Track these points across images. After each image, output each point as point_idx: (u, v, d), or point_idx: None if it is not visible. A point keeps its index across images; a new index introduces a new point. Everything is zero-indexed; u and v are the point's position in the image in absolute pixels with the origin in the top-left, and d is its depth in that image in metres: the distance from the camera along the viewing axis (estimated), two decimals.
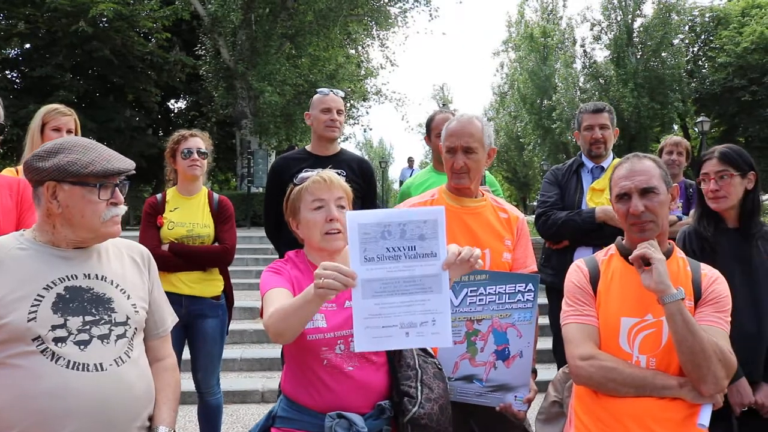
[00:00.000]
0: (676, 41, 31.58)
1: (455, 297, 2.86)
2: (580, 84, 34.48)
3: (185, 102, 28.52)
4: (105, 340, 2.14)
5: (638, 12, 32.29)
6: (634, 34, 32.05)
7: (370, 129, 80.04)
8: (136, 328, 2.26)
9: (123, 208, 2.26)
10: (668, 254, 2.59)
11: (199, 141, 4.30)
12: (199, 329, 4.19)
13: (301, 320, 2.12)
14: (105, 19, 21.12)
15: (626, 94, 30.03)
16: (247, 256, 13.39)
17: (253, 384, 6.87)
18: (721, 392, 2.39)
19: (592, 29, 33.98)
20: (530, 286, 2.87)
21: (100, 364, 2.09)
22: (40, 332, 2.04)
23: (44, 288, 2.12)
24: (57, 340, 2.06)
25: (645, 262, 2.42)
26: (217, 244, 4.27)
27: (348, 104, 25.57)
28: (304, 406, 2.36)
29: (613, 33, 32.66)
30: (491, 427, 2.94)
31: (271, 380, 6.77)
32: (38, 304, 2.08)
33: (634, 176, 2.57)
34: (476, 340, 2.88)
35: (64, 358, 2.05)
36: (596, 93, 32.15)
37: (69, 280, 2.18)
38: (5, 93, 20.97)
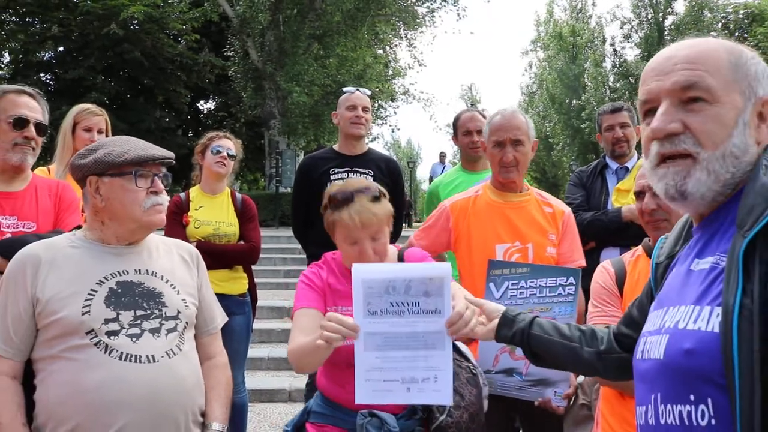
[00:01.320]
0: None
1: (496, 290, 2.86)
2: (610, 83, 34.13)
3: (214, 103, 28.78)
4: (156, 334, 2.19)
5: (669, 9, 31.89)
6: (666, 32, 31.63)
7: (398, 129, 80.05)
8: (186, 323, 2.30)
9: (165, 197, 2.30)
10: None
11: (231, 143, 4.35)
12: (225, 326, 4.19)
13: (315, 361, 2.21)
14: (135, 22, 21.41)
15: None
16: (275, 256, 13.45)
17: (280, 383, 6.90)
18: None
19: (622, 27, 33.65)
20: (571, 279, 2.84)
21: (152, 356, 2.14)
22: (93, 326, 2.11)
23: (97, 283, 2.19)
24: (110, 334, 2.12)
25: None
26: (242, 242, 4.29)
27: (376, 104, 25.60)
28: (337, 403, 2.39)
29: (643, 31, 32.29)
30: (533, 420, 2.93)
31: (299, 379, 6.78)
32: (91, 299, 2.15)
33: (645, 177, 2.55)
34: None
35: (117, 350, 2.10)
36: (626, 92, 31.76)
37: (120, 275, 2.23)
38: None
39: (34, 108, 2.96)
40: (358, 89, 4.39)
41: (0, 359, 2.15)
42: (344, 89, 4.43)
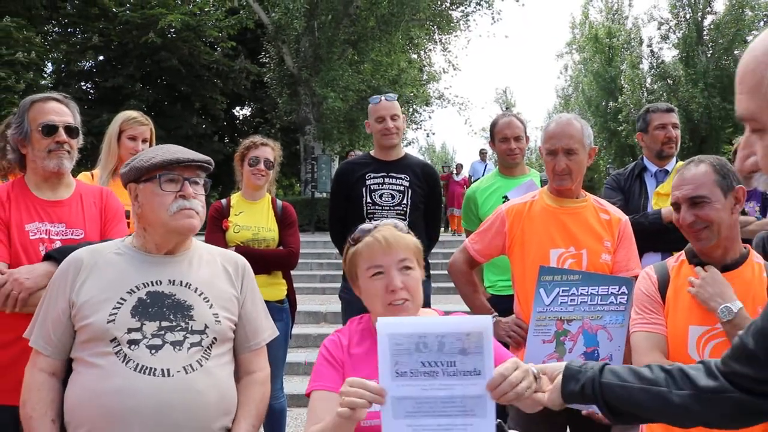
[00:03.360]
0: (750, 38, 30.36)
1: (546, 296, 2.84)
2: (647, 85, 33.59)
3: (250, 109, 29.06)
4: (177, 347, 2.18)
5: (708, 9, 31.26)
6: (705, 32, 31.04)
7: (433, 134, 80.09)
8: (215, 338, 2.26)
9: (196, 202, 2.28)
10: (742, 259, 2.48)
11: (269, 151, 4.37)
12: None
13: None
14: (173, 30, 21.75)
15: (696, 94, 29.11)
16: (312, 261, 13.51)
17: None
18: None
19: (659, 28, 33.05)
20: (623, 288, 2.82)
21: (167, 370, 2.13)
22: (116, 334, 2.13)
23: (128, 292, 2.20)
24: (131, 343, 2.13)
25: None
26: (281, 247, 4.31)
27: (410, 109, 25.57)
28: None
29: (681, 31, 31.70)
30: (581, 425, 2.87)
31: None
32: (119, 307, 2.17)
33: (682, 186, 2.49)
34: (565, 340, 2.85)
35: (134, 361, 2.12)
36: (664, 94, 31.23)
37: (152, 285, 2.24)
38: (80, 103, 21.33)
39: (61, 112, 2.96)
40: (384, 97, 4.35)
41: (39, 356, 2.21)
42: (370, 99, 4.41)
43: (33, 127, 2.89)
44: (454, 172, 19.59)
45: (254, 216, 4.31)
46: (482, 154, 18.14)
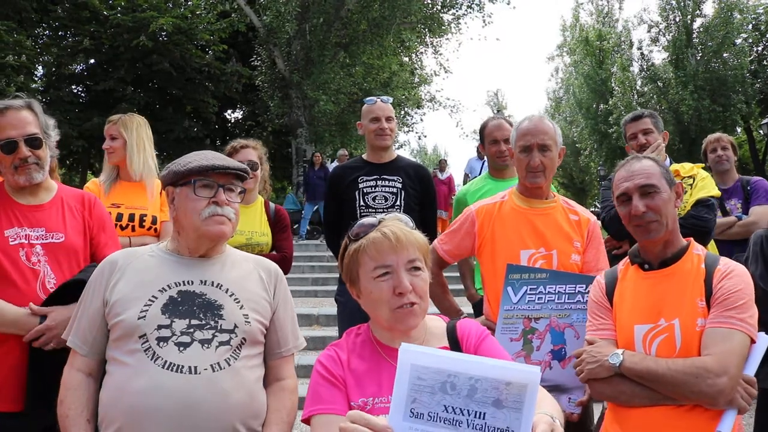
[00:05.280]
0: (738, 41, 30.55)
1: (514, 294, 2.86)
2: (638, 87, 33.68)
3: (241, 112, 29.00)
4: (206, 345, 2.20)
5: (698, 12, 31.38)
6: (694, 35, 31.17)
7: (425, 136, 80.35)
8: (244, 338, 2.28)
9: (228, 209, 2.32)
10: (682, 252, 2.52)
11: (251, 152, 4.29)
12: None
13: None
14: (164, 34, 21.67)
15: (686, 96, 29.23)
16: (303, 264, 13.53)
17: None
18: (726, 396, 2.25)
19: (649, 31, 33.15)
20: (590, 287, 2.85)
21: (195, 368, 2.15)
22: (146, 330, 2.16)
23: (159, 290, 2.24)
24: (160, 340, 2.16)
25: None
26: (274, 252, 4.32)
27: (402, 112, 25.61)
28: None
29: (671, 34, 31.82)
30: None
31: None
32: (150, 305, 2.20)
33: (633, 176, 2.53)
34: (533, 338, 2.88)
35: (162, 358, 2.14)
36: (654, 96, 31.34)
37: (184, 285, 2.27)
38: (72, 107, 21.73)
39: (20, 123, 2.83)
40: (379, 98, 4.38)
41: (76, 355, 2.25)
42: (365, 100, 4.44)
43: None
44: (438, 170, 17.85)
45: (247, 221, 4.27)
46: (480, 151, 17.56)
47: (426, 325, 2.01)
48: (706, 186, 3.85)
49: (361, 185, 4.30)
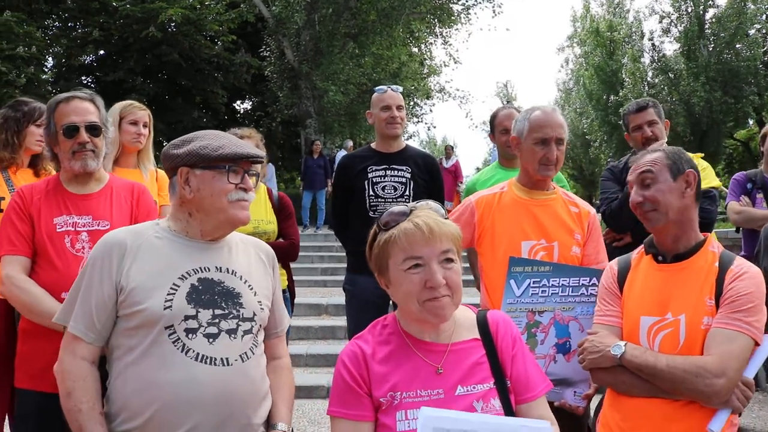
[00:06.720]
0: (752, 32, 30.31)
1: (517, 287, 2.84)
2: (649, 79, 33.48)
3: (251, 103, 29.01)
4: (232, 335, 2.19)
5: (710, 2, 31.11)
6: (706, 26, 30.91)
7: (434, 127, 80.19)
8: (260, 325, 2.30)
9: (252, 195, 2.32)
10: (696, 248, 2.50)
11: (252, 142, 4.30)
12: None
13: None
14: (173, 24, 21.68)
15: (697, 88, 29.02)
16: (312, 254, 13.55)
17: (318, 380, 6.96)
18: (722, 397, 2.26)
19: (660, 22, 32.91)
20: (594, 280, 2.84)
21: (227, 359, 2.14)
22: (173, 321, 2.12)
23: (179, 278, 2.19)
24: (188, 331, 2.13)
25: None
26: (281, 239, 4.31)
27: (411, 102, 25.55)
28: None
29: (683, 25, 31.57)
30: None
31: None
32: (174, 293, 2.15)
33: (636, 169, 2.56)
34: (537, 332, 2.86)
35: (194, 350, 2.11)
36: (665, 87, 31.14)
37: (202, 271, 2.24)
38: None
39: (83, 111, 3.03)
40: (390, 87, 4.38)
41: (82, 344, 2.16)
42: (376, 88, 4.42)
43: (58, 129, 3.00)
44: (443, 158, 17.73)
45: (253, 209, 4.24)
46: (491, 139, 17.34)
47: (454, 316, 1.95)
48: (707, 177, 3.80)
49: (370, 175, 4.30)
